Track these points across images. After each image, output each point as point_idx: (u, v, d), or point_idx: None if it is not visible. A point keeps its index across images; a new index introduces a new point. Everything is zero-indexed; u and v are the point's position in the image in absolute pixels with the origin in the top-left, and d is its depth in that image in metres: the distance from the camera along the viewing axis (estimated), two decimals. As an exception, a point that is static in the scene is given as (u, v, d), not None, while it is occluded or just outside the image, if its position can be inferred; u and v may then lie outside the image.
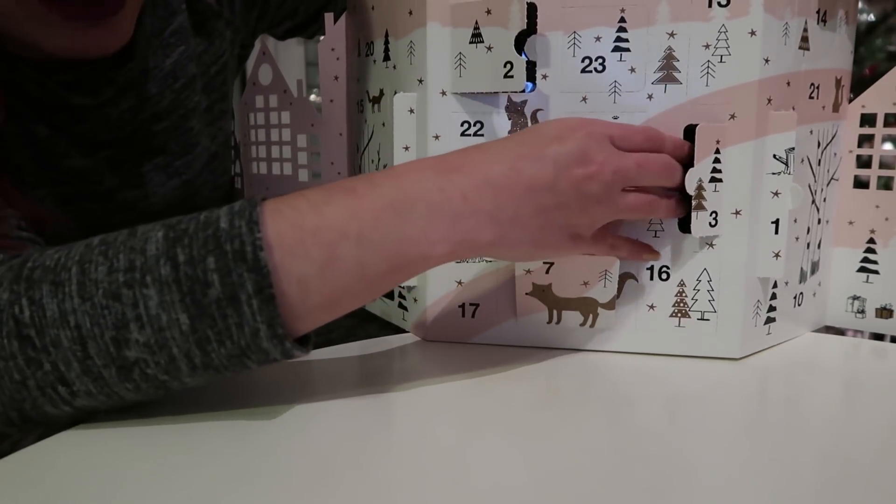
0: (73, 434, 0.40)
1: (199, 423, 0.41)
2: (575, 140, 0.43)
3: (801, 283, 0.56)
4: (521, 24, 0.47)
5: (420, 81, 0.53)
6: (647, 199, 0.47)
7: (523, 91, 0.49)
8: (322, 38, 0.68)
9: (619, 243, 0.50)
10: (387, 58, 0.58)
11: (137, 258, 0.38)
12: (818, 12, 0.52)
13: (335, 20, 0.65)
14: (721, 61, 0.48)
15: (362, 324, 0.64)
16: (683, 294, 0.51)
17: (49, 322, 0.38)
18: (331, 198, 0.40)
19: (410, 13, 0.53)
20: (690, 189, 0.48)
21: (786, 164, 0.50)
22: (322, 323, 0.41)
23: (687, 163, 0.48)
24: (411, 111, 0.53)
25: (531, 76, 0.49)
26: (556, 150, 0.43)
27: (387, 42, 0.57)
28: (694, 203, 0.49)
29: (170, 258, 0.38)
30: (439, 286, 0.55)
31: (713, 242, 0.51)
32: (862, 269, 0.59)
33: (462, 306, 0.55)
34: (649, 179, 0.47)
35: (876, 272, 0.58)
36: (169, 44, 0.61)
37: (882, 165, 0.58)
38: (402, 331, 0.60)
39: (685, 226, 0.49)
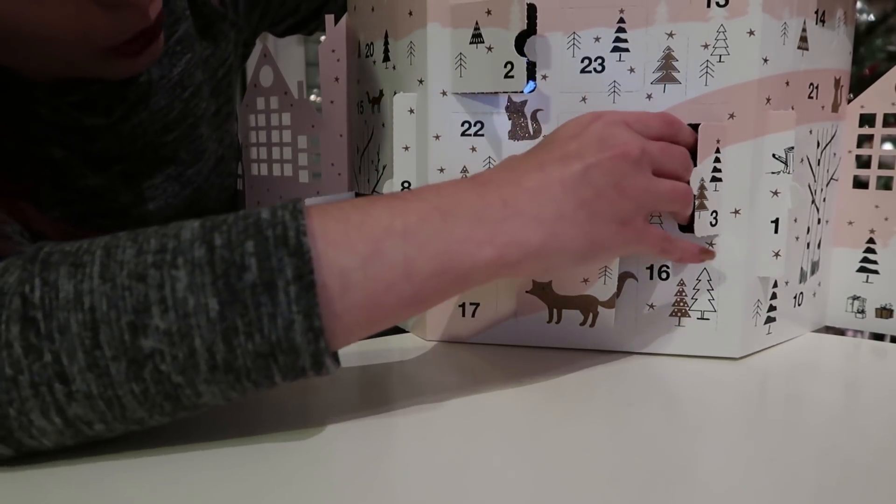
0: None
1: (198, 424, 0.41)
2: (591, 131, 0.44)
3: (801, 282, 0.56)
4: (521, 24, 0.47)
5: (420, 82, 0.53)
6: (682, 187, 0.47)
7: (524, 91, 0.49)
8: (322, 39, 0.68)
9: (670, 246, 0.48)
10: (386, 58, 0.58)
11: (170, 241, 0.36)
12: (816, 12, 0.52)
13: (336, 19, 0.66)
14: (720, 61, 0.48)
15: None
16: (683, 293, 0.52)
17: (61, 304, 0.34)
18: (375, 201, 0.40)
19: (410, 14, 0.53)
20: (694, 188, 0.48)
21: (785, 163, 0.50)
22: (360, 332, 0.38)
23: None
24: (411, 111, 0.53)
25: (531, 76, 0.49)
26: (576, 145, 0.43)
27: (387, 43, 0.58)
28: (696, 203, 0.49)
29: (205, 241, 0.35)
30: (439, 286, 0.55)
31: (713, 242, 0.51)
32: (862, 269, 0.59)
33: (462, 306, 0.55)
34: (673, 164, 0.46)
35: (876, 272, 0.58)
36: (175, 52, 0.61)
37: (882, 165, 0.58)
38: (403, 331, 0.60)
39: (686, 225, 0.49)
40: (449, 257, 0.39)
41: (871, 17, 1.36)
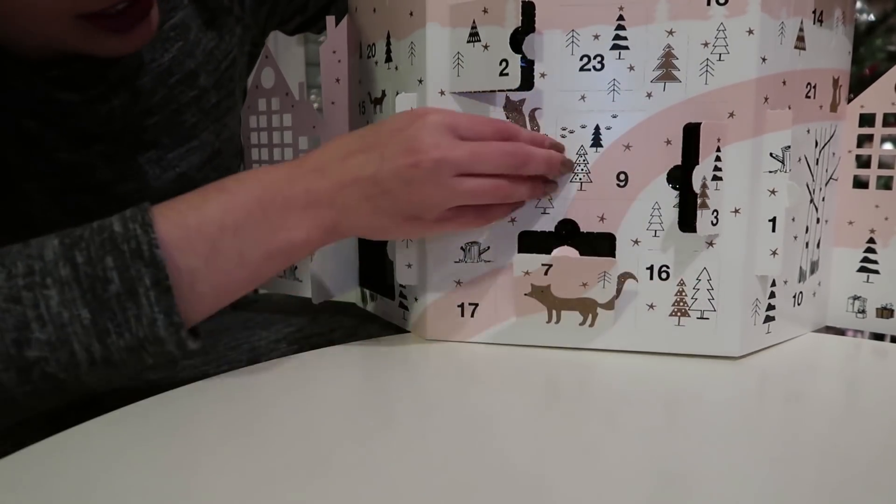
0: (77, 432, 0.40)
1: (199, 425, 0.41)
2: (405, 134, 0.48)
3: (800, 282, 0.56)
4: (516, 21, 0.47)
5: (420, 82, 0.53)
6: (489, 184, 0.49)
7: (518, 89, 0.49)
8: (322, 39, 0.68)
9: (479, 217, 0.51)
10: (388, 59, 0.58)
11: (36, 263, 0.41)
12: (814, 12, 0.52)
13: (337, 20, 0.66)
14: (720, 60, 0.48)
15: (363, 324, 0.64)
16: (683, 293, 0.51)
17: None
18: (207, 196, 0.46)
19: (411, 14, 0.53)
20: (696, 187, 0.48)
21: (782, 162, 0.50)
22: (211, 311, 0.46)
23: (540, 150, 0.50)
24: (411, 111, 0.53)
25: (529, 75, 0.49)
26: (385, 143, 0.48)
27: (388, 43, 0.58)
28: (699, 201, 0.49)
29: (68, 260, 0.41)
30: (439, 286, 0.55)
31: (712, 241, 0.51)
32: (862, 269, 0.59)
33: (462, 306, 0.55)
34: (488, 167, 0.48)
35: (876, 272, 0.58)
36: (168, 38, 0.60)
37: (882, 165, 0.58)
38: (403, 331, 0.60)
39: (687, 225, 0.49)
40: (272, 244, 0.47)
41: (871, 17, 1.36)
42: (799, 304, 0.57)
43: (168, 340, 0.43)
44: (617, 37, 0.49)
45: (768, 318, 0.54)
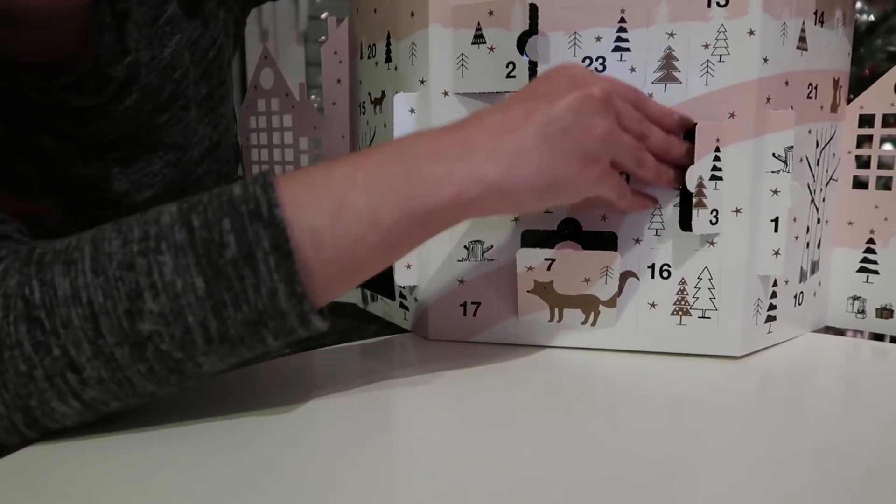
0: (77, 432, 0.40)
1: (200, 425, 0.41)
2: (564, 72, 0.44)
3: (801, 282, 0.56)
4: (523, 24, 0.48)
5: (422, 82, 0.53)
6: (639, 146, 0.47)
7: None
8: (324, 40, 0.68)
9: (625, 192, 0.48)
10: (388, 59, 0.58)
11: (152, 228, 0.38)
12: (815, 13, 0.52)
13: None
14: (720, 61, 0.49)
15: (364, 324, 0.64)
16: (684, 292, 0.52)
17: (60, 301, 0.37)
18: (340, 160, 0.41)
19: (412, 15, 0.53)
20: (691, 187, 0.49)
21: (785, 162, 0.50)
22: (339, 285, 0.40)
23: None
24: (412, 111, 0.54)
25: (533, 76, 0.49)
26: (546, 86, 0.44)
27: (388, 44, 0.58)
28: (695, 201, 0.49)
29: (185, 224, 0.37)
30: (441, 285, 0.55)
31: (714, 241, 0.51)
32: (862, 269, 0.59)
33: (463, 305, 0.55)
34: (632, 124, 0.46)
35: (876, 272, 0.59)
36: (165, 33, 0.60)
37: (881, 166, 0.58)
38: (404, 331, 0.60)
39: (686, 224, 0.50)
40: (411, 200, 0.40)
41: (871, 17, 1.36)
42: (800, 304, 0.57)
43: (290, 314, 0.38)
44: (618, 38, 0.49)
45: (770, 318, 0.54)
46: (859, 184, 0.59)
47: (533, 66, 0.49)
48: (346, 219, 0.39)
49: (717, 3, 0.48)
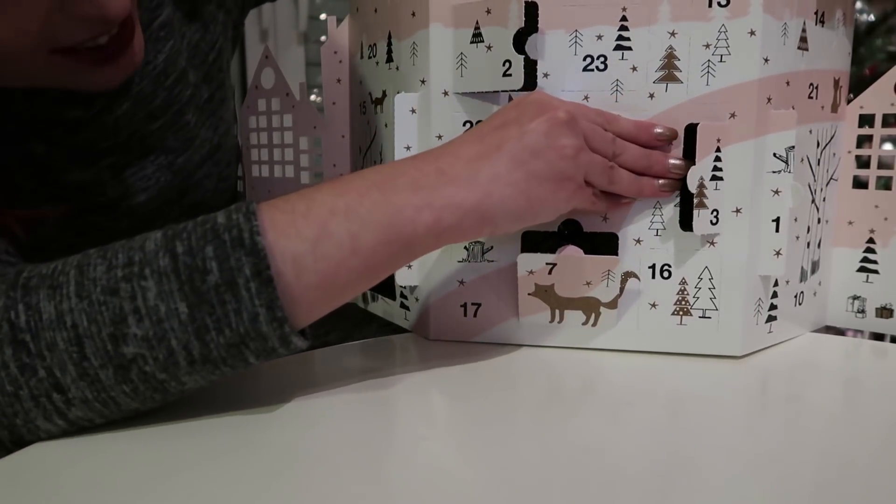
0: (77, 431, 0.40)
1: (200, 425, 0.41)
2: (530, 99, 0.46)
3: (801, 282, 0.56)
4: (519, 22, 0.48)
5: (422, 82, 0.53)
6: (608, 162, 0.48)
7: (522, 89, 0.49)
8: (325, 40, 0.68)
9: (599, 200, 0.50)
10: (389, 59, 0.58)
11: (136, 254, 0.39)
12: (816, 13, 0.52)
13: None
14: (721, 61, 0.49)
15: (364, 324, 0.64)
16: (685, 292, 0.52)
17: (45, 325, 0.37)
18: (320, 187, 0.43)
19: (413, 15, 0.53)
20: (692, 187, 0.49)
21: (786, 162, 0.50)
22: (320, 308, 0.42)
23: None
24: (413, 111, 0.53)
25: (533, 75, 0.49)
26: (515, 112, 0.46)
27: (389, 44, 0.58)
28: (696, 201, 0.49)
29: (168, 250, 0.38)
30: (441, 286, 0.55)
31: (714, 241, 0.51)
32: (862, 269, 0.59)
33: (464, 306, 0.55)
34: (598, 145, 0.47)
35: (876, 272, 0.59)
36: (158, 38, 0.59)
37: (881, 165, 0.58)
38: (404, 331, 0.60)
39: (687, 224, 0.50)
40: (391, 227, 0.42)
41: (871, 17, 1.36)
42: (800, 304, 0.57)
43: (271, 336, 0.39)
44: (620, 37, 0.49)
45: (770, 318, 0.54)
46: (859, 184, 0.59)
47: (530, 64, 0.49)
48: (327, 245, 0.40)
49: (719, 3, 0.48)
